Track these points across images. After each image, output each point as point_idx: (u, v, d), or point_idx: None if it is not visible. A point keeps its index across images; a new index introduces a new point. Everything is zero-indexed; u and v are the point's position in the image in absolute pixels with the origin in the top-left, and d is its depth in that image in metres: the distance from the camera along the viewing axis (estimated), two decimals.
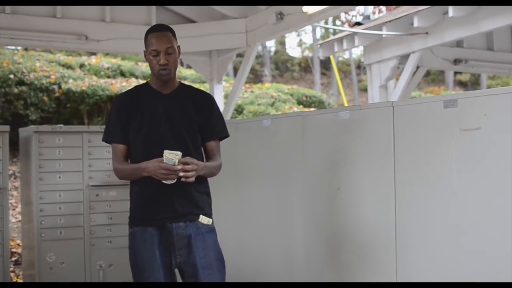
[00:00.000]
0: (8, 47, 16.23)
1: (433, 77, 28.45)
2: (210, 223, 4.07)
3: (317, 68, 28.37)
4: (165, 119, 4.08)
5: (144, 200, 4.04)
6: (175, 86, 4.18)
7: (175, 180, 3.81)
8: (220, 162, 4.20)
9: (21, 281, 8.07)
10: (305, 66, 30.55)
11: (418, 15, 8.62)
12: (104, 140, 4.18)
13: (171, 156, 3.78)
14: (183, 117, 4.10)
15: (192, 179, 3.82)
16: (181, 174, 3.78)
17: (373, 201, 4.48)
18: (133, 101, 4.14)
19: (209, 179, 4.17)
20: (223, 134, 4.27)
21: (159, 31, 4.08)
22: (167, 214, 4.02)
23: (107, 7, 7.91)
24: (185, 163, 3.79)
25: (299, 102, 18.48)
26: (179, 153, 3.79)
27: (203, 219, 4.02)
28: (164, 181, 3.83)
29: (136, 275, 4.09)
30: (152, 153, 3.90)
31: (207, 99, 4.24)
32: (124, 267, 6.98)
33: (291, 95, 18.67)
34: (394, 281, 4.27)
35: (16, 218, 10.80)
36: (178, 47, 4.12)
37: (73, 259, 6.68)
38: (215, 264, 4.02)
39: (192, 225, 4.01)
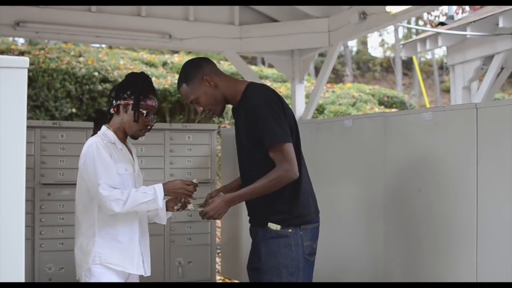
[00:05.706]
0: (93, 45, 16.56)
1: None
2: (279, 229, 3.99)
3: (399, 69, 28.09)
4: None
5: None
6: (238, 99, 4.08)
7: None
8: (277, 174, 3.84)
9: None
10: (387, 66, 30.31)
11: (503, 15, 8.45)
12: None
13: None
14: (239, 133, 4.14)
15: (215, 216, 4.00)
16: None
17: (455, 203, 4.41)
18: None
19: None
20: (269, 143, 3.86)
21: (178, 89, 4.14)
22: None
23: (191, 6, 7.98)
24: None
25: (381, 103, 18.33)
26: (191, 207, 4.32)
27: (271, 225, 4.01)
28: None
29: None
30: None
31: (251, 110, 3.93)
32: (202, 264, 7.09)
33: (373, 95, 18.53)
34: (475, 281, 4.21)
35: None
36: (206, 78, 4.00)
37: (152, 255, 6.75)
38: (275, 270, 3.97)
39: (262, 230, 4.08)
